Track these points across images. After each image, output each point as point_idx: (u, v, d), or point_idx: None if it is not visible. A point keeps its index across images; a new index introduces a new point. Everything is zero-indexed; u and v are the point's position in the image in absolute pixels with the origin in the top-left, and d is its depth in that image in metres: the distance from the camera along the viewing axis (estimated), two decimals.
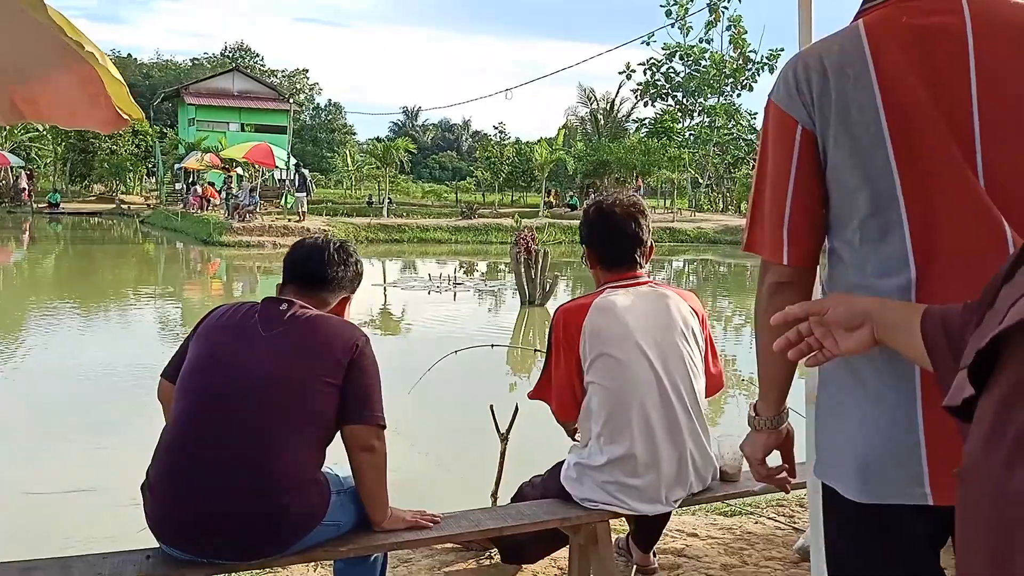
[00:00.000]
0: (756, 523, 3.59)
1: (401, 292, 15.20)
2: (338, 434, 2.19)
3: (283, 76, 70.66)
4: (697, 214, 36.53)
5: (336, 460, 2.23)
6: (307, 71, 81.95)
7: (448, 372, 8.82)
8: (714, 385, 2.73)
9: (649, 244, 2.65)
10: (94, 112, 2.84)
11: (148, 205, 36.46)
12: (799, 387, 2.06)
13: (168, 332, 11.37)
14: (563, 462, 2.66)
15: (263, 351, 2.12)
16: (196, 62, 71.60)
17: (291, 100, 41.74)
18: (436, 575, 3.03)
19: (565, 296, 13.97)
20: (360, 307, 13.24)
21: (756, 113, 43.36)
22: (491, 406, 3.52)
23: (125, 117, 2.86)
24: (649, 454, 2.45)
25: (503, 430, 3.56)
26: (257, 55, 73.35)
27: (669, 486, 2.48)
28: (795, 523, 3.58)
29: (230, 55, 70.05)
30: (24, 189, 34.57)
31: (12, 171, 36.79)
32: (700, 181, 40.92)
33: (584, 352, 2.50)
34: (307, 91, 71.88)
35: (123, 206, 36.22)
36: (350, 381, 2.14)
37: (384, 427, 2.17)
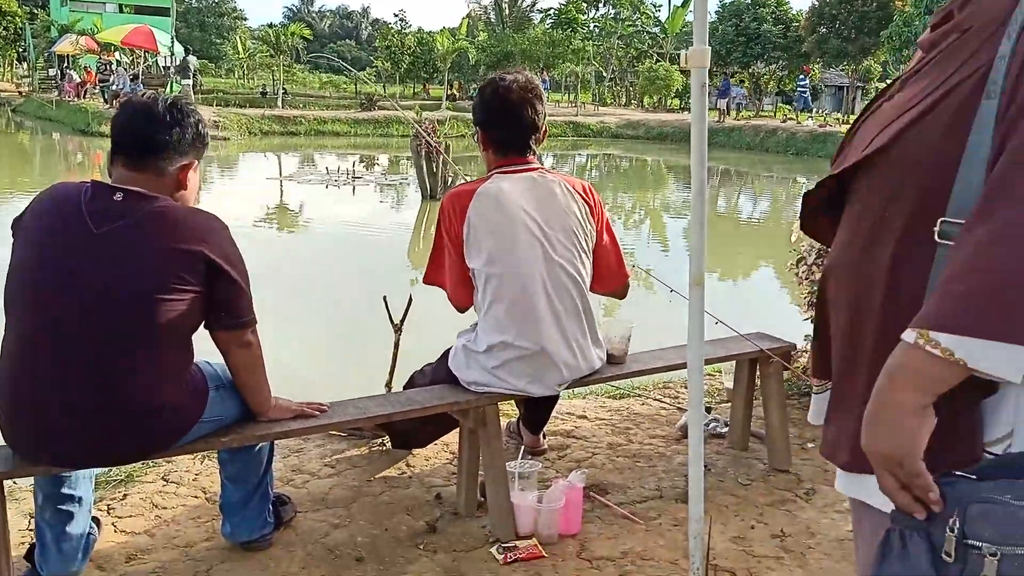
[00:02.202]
0: (643, 404, 3.73)
1: (298, 186, 14.74)
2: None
3: None
4: (600, 108, 36.45)
5: (212, 351, 2.15)
6: None
7: (346, 265, 8.73)
8: (613, 278, 2.68)
9: (543, 129, 2.61)
10: None
11: (20, 93, 33.86)
12: (683, 270, 2.09)
13: None
14: (452, 348, 2.67)
15: (99, 255, 1.88)
16: None
17: None
18: (328, 463, 3.03)
19: None
20: (256, 201, 12.81)
21: (660, 6, 43.12)
22: (384, 297, 3.47)
23: None
24: (534, 339, 2.46)
25: (396, 321, 3.54)
26: None
27: (556, 370, 2.51)
28: (679, 403, 3.73)
29: None
30: None
31: None
32: (604, 74, 40.65)
33: (468, 238, 2.47)
34: None
35: None
36: (212, 286, 1.97)
37: (255, 322, 2.09)
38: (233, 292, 2.01)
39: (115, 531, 2.55)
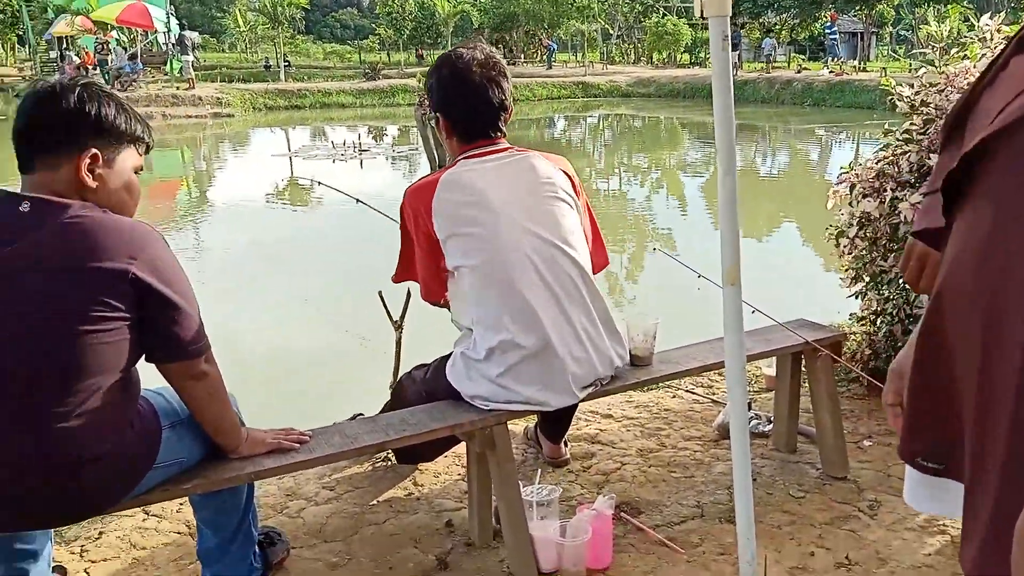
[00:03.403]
0: (674, 397, 3.37)
1: (304, 162, 14.39)
2: None
3: None
4: (609, 67, 35.63)
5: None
6: None
7: (347, 248, 8.35)
8: (594, 264, 2.37)
9: (510, 108, 2.28)
10: None
11: (24, 77, 33.50)
12: (704, 232, 1.73)
13: None
14: (449, 355, 2.32)
15: (5, 281, 1.55)
16: None
17: None
18: (326, 484, 2.72)
19: None
20: (261, 179, 12.49)
21: None
22: (380, 292, 3.12)
23: None
24: (535, 337, 2.12)
25: (396, 317, 3.20)
26: None
27: (569, 371, 2.16)
28: (713, 394, 3.37)
29: None
30: None
31: None
32: (611, 32, 39.72)
33: (439, 233, 2.16)
34: None
35: None
36: (146, 312, 1.62)
37: (208, 348, 1.75)
38: (174, 316, 1.66)
39: None
